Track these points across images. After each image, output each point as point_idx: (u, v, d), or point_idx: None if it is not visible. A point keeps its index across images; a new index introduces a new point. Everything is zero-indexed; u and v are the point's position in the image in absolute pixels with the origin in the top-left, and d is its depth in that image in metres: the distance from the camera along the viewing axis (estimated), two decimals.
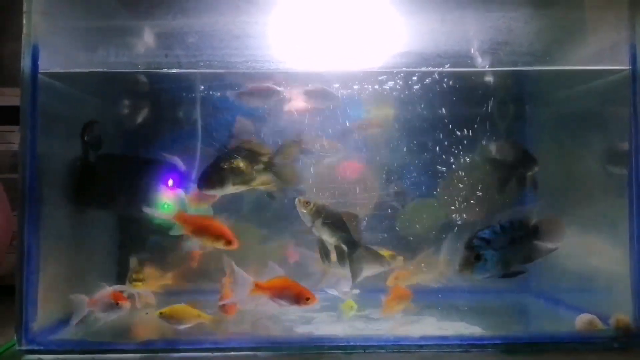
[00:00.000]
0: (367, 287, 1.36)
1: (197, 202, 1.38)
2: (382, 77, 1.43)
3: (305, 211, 1.23)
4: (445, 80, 1.44)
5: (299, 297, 1.18)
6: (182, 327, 1.23)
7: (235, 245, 1.27)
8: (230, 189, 1.27)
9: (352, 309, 1.36)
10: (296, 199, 1.24)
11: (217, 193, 1.29)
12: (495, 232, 1.15)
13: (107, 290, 1.25)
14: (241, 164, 1.26)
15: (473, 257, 1.13)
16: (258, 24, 1.26)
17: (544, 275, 1.52)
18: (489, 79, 1.46)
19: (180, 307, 1.24)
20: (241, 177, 1.27)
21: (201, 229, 1.28)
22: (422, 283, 1.39)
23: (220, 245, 1.27)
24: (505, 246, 1.15)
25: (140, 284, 1.37)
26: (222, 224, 1.28)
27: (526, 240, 1.18)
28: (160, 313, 1.23)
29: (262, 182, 1.30)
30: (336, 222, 1.24)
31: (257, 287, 1.18)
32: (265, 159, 1.29)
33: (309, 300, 1.18)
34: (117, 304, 1.23)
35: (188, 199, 1.35)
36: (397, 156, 1.56)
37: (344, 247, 1.25)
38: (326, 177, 1.49)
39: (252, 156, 1.28)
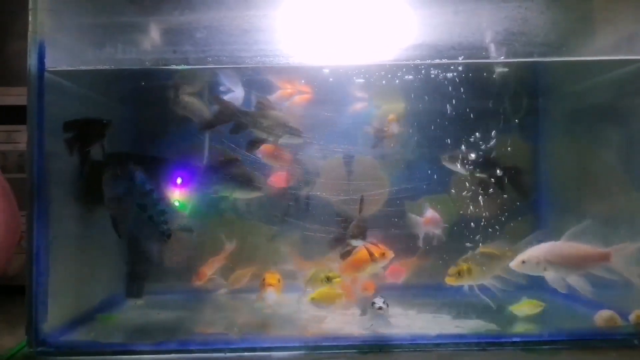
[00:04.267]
0: None
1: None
2: (394, 70, 1.40)
3: None
4: (458, 73, 1.41)
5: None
6: None
7: None
8: None
9: (538, 307, 1.31)
10: None
11: None
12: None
13: None
14: None
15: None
16: (267, 18, 1.24)
17: None
18: (503, 70, 1.42)
19: None
20: None
21: None
22: None
23: None
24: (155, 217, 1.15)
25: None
26: None
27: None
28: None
29: None
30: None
31: None
32: None
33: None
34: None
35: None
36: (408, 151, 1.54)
37: None
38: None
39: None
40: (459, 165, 1.46)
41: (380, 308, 1.23)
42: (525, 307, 1.32)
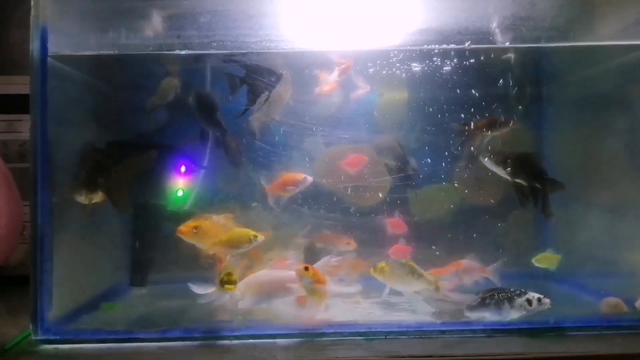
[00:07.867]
0: None
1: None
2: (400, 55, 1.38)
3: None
4: (463, 58, 1.40)
5: None
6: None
7: None
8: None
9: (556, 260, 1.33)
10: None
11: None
12: None
13: None
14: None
15: None
16: (272, 2, 1.22)
17: (566, 261, 1.48)
18: (510, 56, 1.41)
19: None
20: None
21: None
22: None
23: None
24: None
25: None
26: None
27: None
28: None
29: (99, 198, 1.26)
30: None
31: None
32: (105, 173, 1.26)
33: None
34: None
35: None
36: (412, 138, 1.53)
37: None
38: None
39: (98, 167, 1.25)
40: (501, 168, 1.37)
41: (539, 300, 1.14)
42: (544, 260, 1.36)
